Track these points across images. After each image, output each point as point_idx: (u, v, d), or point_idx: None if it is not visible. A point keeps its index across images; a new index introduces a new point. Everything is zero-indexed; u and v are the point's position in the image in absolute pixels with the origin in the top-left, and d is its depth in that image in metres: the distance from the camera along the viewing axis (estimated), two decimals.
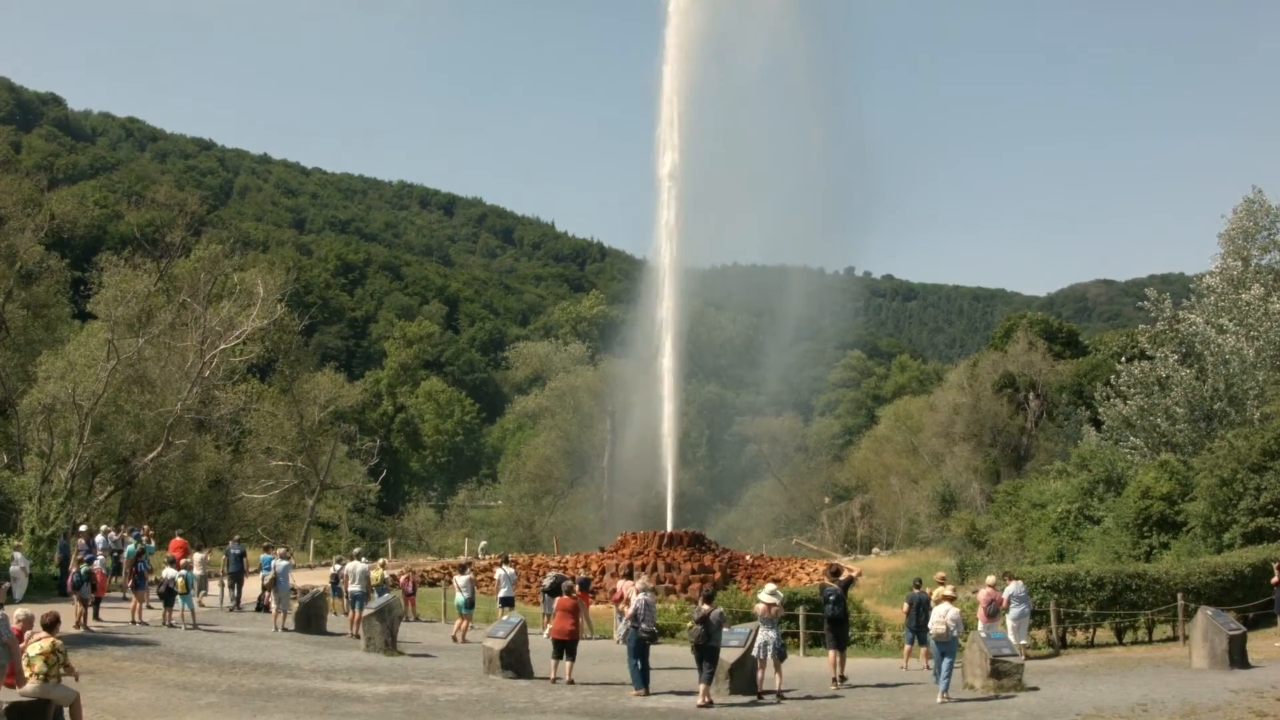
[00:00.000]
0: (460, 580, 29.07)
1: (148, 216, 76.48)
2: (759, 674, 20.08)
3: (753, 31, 69.65)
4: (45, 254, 54.40)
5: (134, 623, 26.63)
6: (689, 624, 20.02)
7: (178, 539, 34.33)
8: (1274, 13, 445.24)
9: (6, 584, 26.11)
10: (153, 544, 34.92)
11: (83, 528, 29.62)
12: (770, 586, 21.22)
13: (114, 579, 30.13)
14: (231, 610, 32.18)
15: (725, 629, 19.62)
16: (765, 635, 20.04)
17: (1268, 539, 31.32)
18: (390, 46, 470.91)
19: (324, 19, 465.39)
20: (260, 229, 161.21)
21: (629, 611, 20.48)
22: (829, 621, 21.76)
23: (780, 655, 20.26)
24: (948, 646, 19.90)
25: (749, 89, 72.25)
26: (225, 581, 33.40)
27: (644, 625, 19.83)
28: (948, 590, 21.30)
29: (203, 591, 32.62)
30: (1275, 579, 27.05)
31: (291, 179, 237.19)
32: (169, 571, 27.72)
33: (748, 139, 71.68)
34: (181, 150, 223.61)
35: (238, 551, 33.13)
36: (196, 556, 33.14)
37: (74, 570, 26.22)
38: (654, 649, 20.57)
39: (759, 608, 20.44)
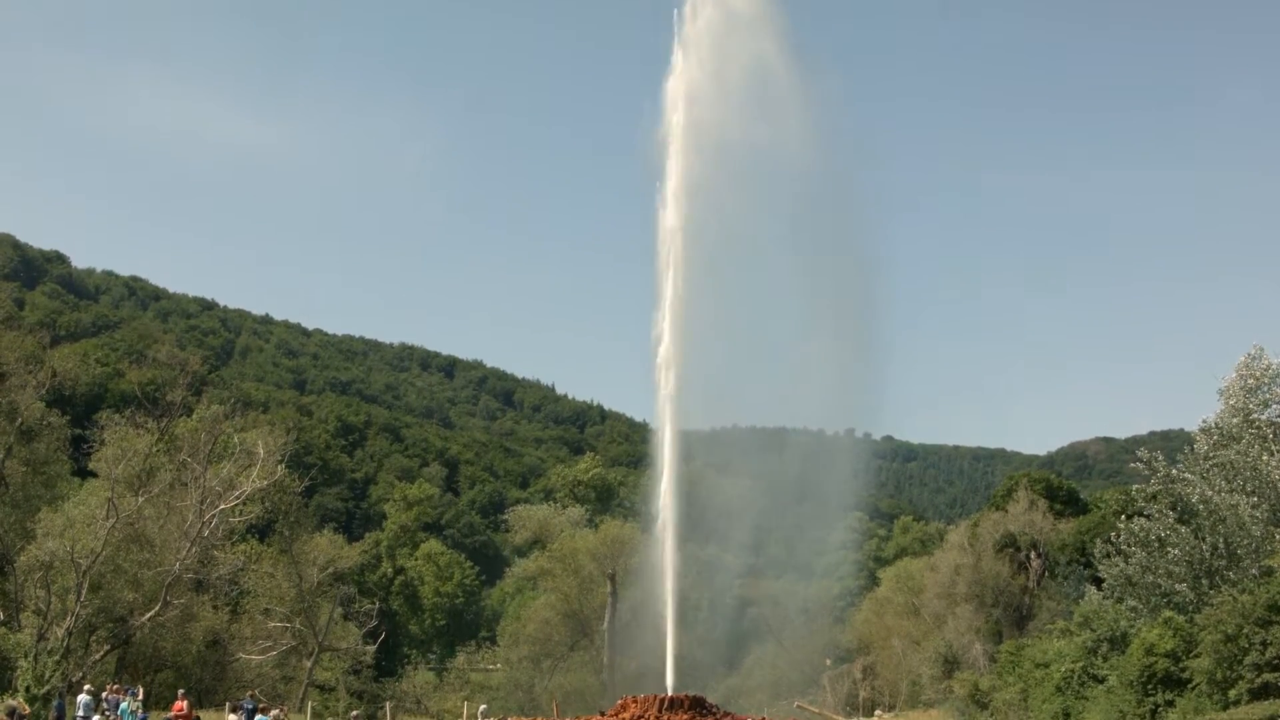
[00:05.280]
0: None
1: (149, 375, 77.02)
2: None
3: (755, 198, 70.79)
4: (46, 411, 54.72)
5: None
6: None
7: (179, 702, 34.08)
8: (1276, 164, 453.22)
9: None
10: (140, 705, 34.73)
11: (10, 702, 28.84)
12: None
13: None
14: None
15: None
16: None
17: (1274, 694, 31.09)
18: (392, 210, 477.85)
19: (325, 180, 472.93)
20: (261, 389, 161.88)
21: None
22: None
23: None
24: None
25: (752, 257, 73.32)
26: None
27: None
28: None
29: None
30: None
31: (293, 340, 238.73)
32: None
33: (749, 305, 72.52)
34: (184, 310, 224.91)
35: (250, 707, 33.41)
36: (231, 719, 33.47)
37: None
38: None
39: None
